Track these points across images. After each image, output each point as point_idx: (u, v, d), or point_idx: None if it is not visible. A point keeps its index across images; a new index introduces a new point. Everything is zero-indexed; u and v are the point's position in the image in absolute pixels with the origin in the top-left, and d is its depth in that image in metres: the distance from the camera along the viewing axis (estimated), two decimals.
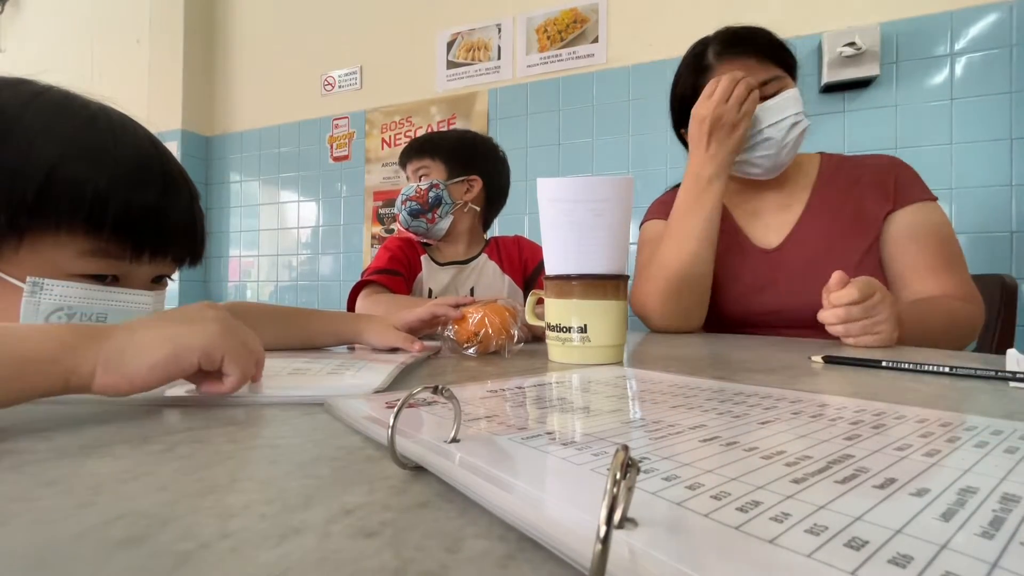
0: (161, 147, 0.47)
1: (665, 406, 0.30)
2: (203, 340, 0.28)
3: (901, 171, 0.90)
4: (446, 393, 0.22)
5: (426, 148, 1.11)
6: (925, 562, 0.12)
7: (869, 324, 0.64)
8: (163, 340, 0.28)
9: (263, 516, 0.16)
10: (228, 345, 0.30)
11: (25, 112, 0.40)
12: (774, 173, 0.90)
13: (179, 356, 0.28)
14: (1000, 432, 0.24)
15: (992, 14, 1.42)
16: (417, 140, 1.15)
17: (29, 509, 0.16)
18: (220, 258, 2.58)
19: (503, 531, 0.15)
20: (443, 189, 1.07)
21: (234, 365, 0.30)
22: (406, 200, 1.07)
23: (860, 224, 0.88)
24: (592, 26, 1.87)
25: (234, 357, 0.30)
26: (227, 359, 0.30)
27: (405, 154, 1.13)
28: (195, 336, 0.29)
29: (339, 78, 2.32)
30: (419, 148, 1.12)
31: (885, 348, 0.64)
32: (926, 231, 0.85)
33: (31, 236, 0.39)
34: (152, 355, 0.27)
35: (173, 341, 0.28)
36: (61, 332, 0.26)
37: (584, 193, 0.53)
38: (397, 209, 1.09)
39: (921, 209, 0.86)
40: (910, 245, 0.85)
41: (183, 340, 0.28)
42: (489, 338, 0.57)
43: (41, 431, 0.25)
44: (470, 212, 1.12)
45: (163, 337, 0.28)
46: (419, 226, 1.08)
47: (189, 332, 0.29)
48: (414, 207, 1.07)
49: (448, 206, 1.08)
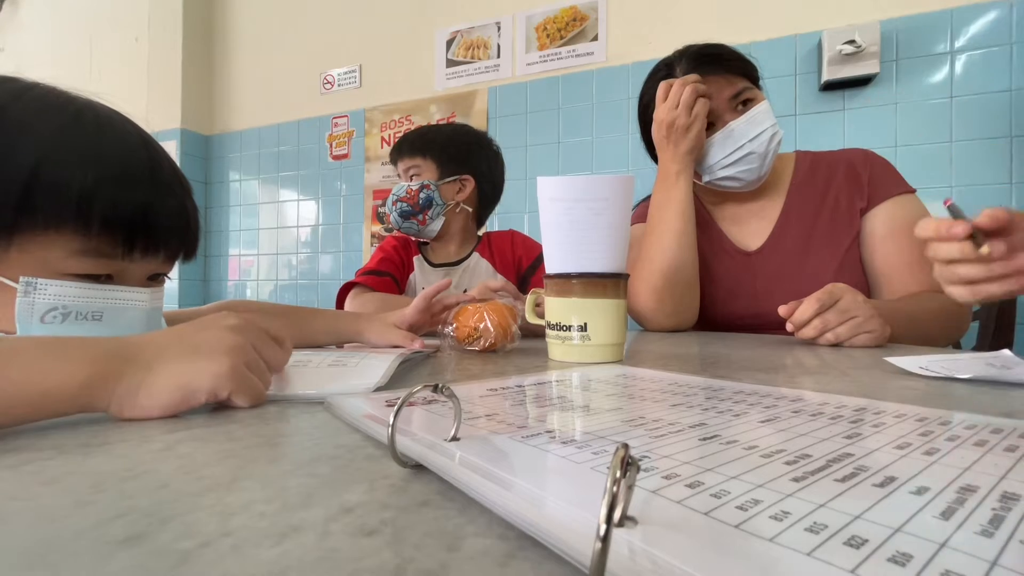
0: (150, 142, 0.46)
1: (665, 404, 0.30)
2: (211, 383, 0.29)
3: (875, 165, 0.90)
4: (446, 391, 0.22)
5: (417, 146, 1.08)
6: (925, 560, 0.12)
7: (857, 324, 0.64)
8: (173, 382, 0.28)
9: (263, 514, 0.16)
10: (235, 383, 0.30)
11: (11, 109, 0.39)
12: (756, 185, 0.91)
13: (187, 399, 0.29)
14: (1000, 430, 0.24)
15: (992, 12, 1.42)
16: (408, 136, 1.11)
17: (29, 507, 0.16)
18: (220, 257, 2.58)
19: (503, 529, 0.15)
20: (434, 190, 1.05)
21: (242, 398, 0.30)
22: (396, 201, 1.05)
23: (838, 223, 0.89)
24: (592, 24, 1.87)
25: (241, 392, 0.30)
26: (233, 396, 0.30)
27: (396, 151, 1.11)
28: (204, 378, 0.29)
29: (338, 76, 2.31)
30: (410, 146, 1.09)
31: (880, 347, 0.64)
32: (903, 226, 0.84)
33: (20, 237, 0.38)
34: (161, 399, 0.28)
35: (182, 385, 0.28)
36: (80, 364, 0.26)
37: (584, 192, 0.53)
38: (388, 209, 1.07)
39: (897, 203, 0.86)
40: (888, 242, 0.85)
41: (192, 383, 0.29)
42: (489, 334, 0.57)
43: (41, 429, 0.25)
44: (462, 212, 1.10)
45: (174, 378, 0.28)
46: (410, 227, 1.07)
47: (198, 372, 0.29)
48: (404, 208, 1.05)
49: (440, 207, 1.06)
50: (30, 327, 0.38)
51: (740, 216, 0.97)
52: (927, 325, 0.75)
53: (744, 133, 0.86)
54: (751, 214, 0.96)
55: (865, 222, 0.87)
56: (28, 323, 0.38)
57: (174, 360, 0.29)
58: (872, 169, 0.89)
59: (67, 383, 0.25)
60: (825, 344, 0.65)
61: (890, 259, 0.84)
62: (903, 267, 0.83)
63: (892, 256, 0.84)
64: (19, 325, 0.38)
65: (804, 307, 0.65)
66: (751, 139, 0.85)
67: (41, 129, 0.40)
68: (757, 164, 0.87)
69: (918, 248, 0.82)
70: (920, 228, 0.51)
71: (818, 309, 0.65)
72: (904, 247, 0.83)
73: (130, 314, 0.42)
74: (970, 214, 0.54)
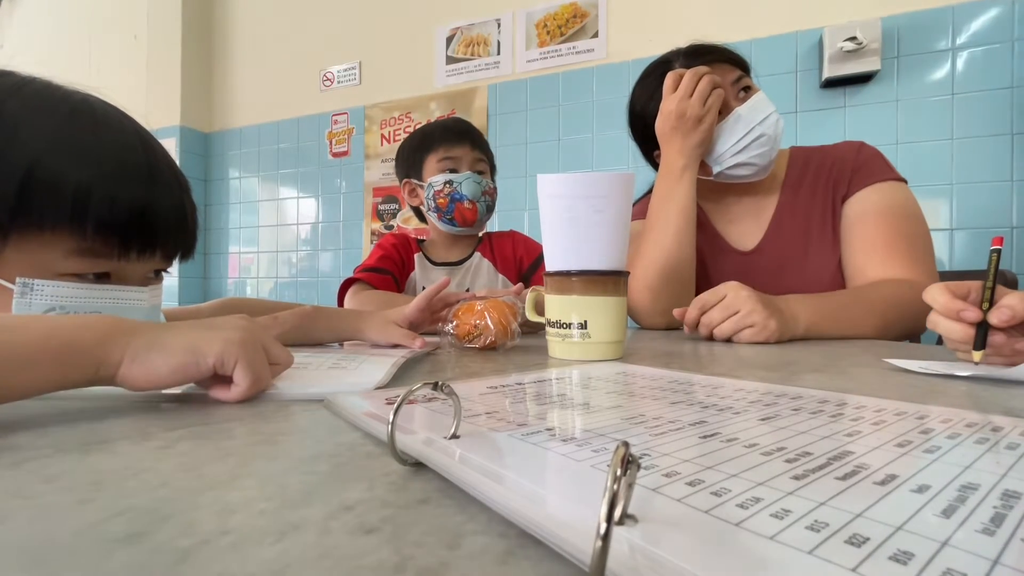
0: (148, 139, 0.45)
1: (665, 402, 0.30)
2: (220, 347, 0.29)
3: (862, 154, 0.88)
4: (446, 389, 0.22)
5: (485, 145, 1.10)
6: (926, 559, 0.12)
7: (739, 319, 0.65)
8: (186, 343, 0.29)
9: (263, 512, 0.16)
10: (243, 354, 0.30)
11: (6, 106, 0.39)
12: (767, 172, 0.89)
13: (197, 361, 0.29)
14: (1000, 428, 0.24)
15: (993, 8, 1.41)
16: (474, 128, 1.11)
17: (29, 505, 0.16)
18: (219, 255, 2.58)
19: (503, 527, 0.15)
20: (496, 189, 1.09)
21: (244, 374, 0.30)
22: (484, 193, 1.04)
23: (831, 218, 0.88)
24: (592, 21, 1.87)
25: (246, 366, 0.30)
26: (239, 367, 0.30)
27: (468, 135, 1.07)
28: (215, 343, 0.29)
29: (338, 73, 2.31)
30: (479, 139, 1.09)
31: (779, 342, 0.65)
32: (880, 209, 0.82)
33: (16, 237, 0.38)
34: (174, 357, 0.28)
35: (194, 345, 0.29)
36: (96, 323, 0.27)
37: (584, 189, 0.53)
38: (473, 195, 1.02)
39: (875, 189, 0.84)
40: (861, 225, 0.83)
41: (203, 346, 0.29)
42: (489, 332, 0.57)
43: (40, 427, 0.25)
44: None
45: (186, 340, 0.29)
46: (482, 223, 1.08)
47: (210, 338, 0.30)
48: (489, 203, 1.06)
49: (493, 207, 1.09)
50: None
51: (736, 215, 0.97)
52: (866, 317, 0.72)
53: (751, 117, 0.84)
54: (747, 213, 0.96)
55: (845, 208, 0.86)
56: None
57: (188, 329, 0.30)
58: (858, 158, 0.88)
59: (85, 334, 0.26)
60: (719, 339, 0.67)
61: (858, 243, 0.82)
62: (870, 251, 0.80)
63: (861, 240, 0.82)
64: None
65: (690, 308, 0.69)
66: (759, 122, 0.84)
67: (37, 127, 0.39)
68: (768, 147, 0.85)
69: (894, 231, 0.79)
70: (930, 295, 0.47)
71: (701, 308, 0.68)
72: (876, 230, 0.80)
73: (129, 313, 0.42)
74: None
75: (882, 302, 0.73)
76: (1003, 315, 0.42)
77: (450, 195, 1.02)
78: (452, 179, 1.02)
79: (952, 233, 1.44)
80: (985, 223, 1.41)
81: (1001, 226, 1.39)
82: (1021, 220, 1.38)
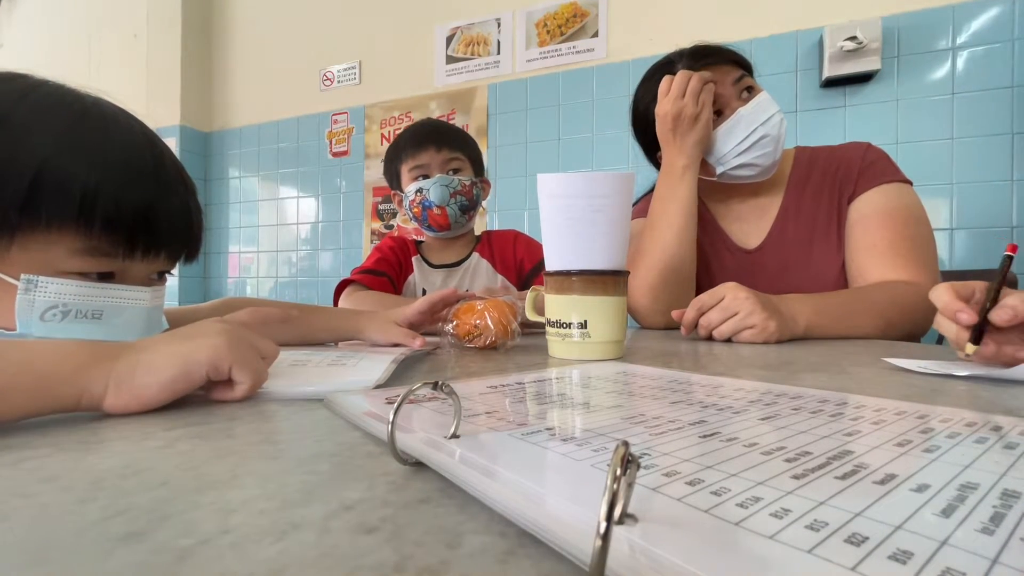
0: (156, 142, 0.46)
1: (665, 402, 0.30)
2: (210, 353, 0.29)
3: (869, 155, 0.88)
4: (446, 389, 0.22)
5: (458, 141, 1.06)
6: (925, 558, 0.12)
7: (738, 320, 0.65)
8: (171, 357, 0.29)
9: (263, 512, 0.16)
10: (235, 355, 0.30)
11: (18, 108, 0.39)
12: (771, 172, 0.89)
13: (188, 372, 0.29)
14: (1000, 428, 0.24)
15: (994, 8, 1.41)
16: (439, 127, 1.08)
17: (29, 505, 0.16)
18: (219, 254, 2.58)
19: (503, 527, 0.15)
20: (479, 188, 1.06)
21: (243, 373, 0.30)
22: (455, 193, 1.01)
23: (837, 219, 0.88)
24: (592, 20, 1.87)
25: (242, 365, 0.30)
26: (235, 368, 0.30)
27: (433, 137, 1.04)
28: (202, 350, 0.29)
29: (338, 73, 2.31)
30: (451, 138, 1.05)
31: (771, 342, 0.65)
32: (885, 211, 0.82)
33: (22, 235, 0.38)
34: (162, 373, 0.28)
35: (181, 358, 0.29)
36: (75, 351, 0.27)
37: (584, 189, 0.53)
38: (440, 200, 1.00)
39: (880, 191, 0.84)
40: (864, 226, 0.83)
41: (191, 355, 0.29)
42: (489, 332, 0.57)
43: (40, 426, 0.25)
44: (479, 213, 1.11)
45: (171, 354, 0.29)
46: (460, 223, 1.05)
47: (196, 347, 0.29)
48: (464, 203, 1.03)
49: (478, 206, 1.07)
50: (30, 324, 0.38)
51: (742, 214, 0.97)
52: (866, 316, 0.72)
53: (754, 118, 0.84)
54: (752, 212, 0.96)
55: (850, 210, 0.86)
56: (28, 320, 0.38)
57: (169, 343, 0.30)
58: (865, 159, 0.88)
59: (63, 365, 0.26)
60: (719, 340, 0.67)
61: (862, 243, 0.82)
62: (873, 252, 0.80)
63: (864, 240, 0.82)
64: (19, 322, 0.38)
65: (688, 310, 0.69)
66: (763, 123, 0.84)
67: (46, 128, 0.39)
68: (772, 148, 0.85)
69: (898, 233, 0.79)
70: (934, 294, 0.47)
71: (700, 309, 0.68)
72: (880, 231, 0.80)
73: (130, 313, 0.42)
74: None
75: (883, 302, 0.73)
76: (1004, 315, 0.42)
77: (421, 203, 1.02)
78: (421, 186, 1.02)
79: (952, 233, 1.44)
80: (985, 223, 1.41)
81: (1001, 226, 1.39)
82: (1021, 220, 1.38)
